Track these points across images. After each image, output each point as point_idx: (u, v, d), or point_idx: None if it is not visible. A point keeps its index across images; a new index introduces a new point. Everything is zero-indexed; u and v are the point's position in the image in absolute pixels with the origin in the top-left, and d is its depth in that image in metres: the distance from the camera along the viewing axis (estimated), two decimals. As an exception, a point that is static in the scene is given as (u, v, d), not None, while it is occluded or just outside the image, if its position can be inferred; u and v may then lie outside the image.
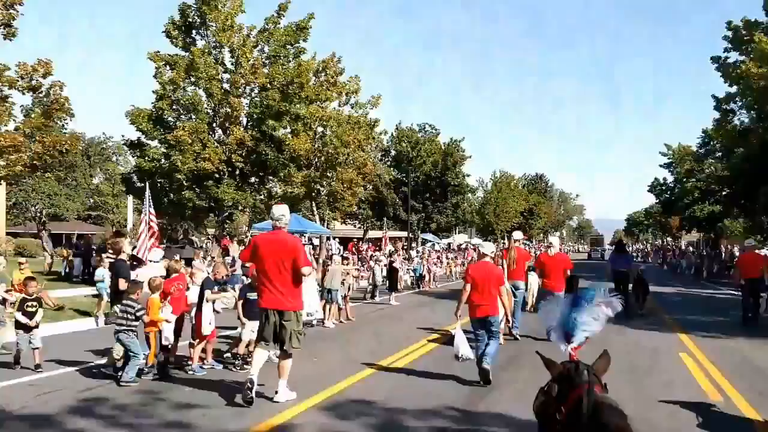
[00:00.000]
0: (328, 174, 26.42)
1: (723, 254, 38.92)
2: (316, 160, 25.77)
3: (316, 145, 25.18)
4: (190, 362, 8.49)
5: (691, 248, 53.11)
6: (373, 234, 46.91)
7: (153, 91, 22.37)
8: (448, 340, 10.84)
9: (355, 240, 39.06)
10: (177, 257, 11.87)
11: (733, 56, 26.12)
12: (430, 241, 46.17)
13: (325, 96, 25.15)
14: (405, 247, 35.51)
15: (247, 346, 8.80)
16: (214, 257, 17.28)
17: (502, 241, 47.27)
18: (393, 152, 49.36)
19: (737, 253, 27.10)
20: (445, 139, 50.28)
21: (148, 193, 15.08)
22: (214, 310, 8.98)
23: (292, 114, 22.95)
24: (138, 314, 7.91)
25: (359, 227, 47.67)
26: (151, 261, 15.79)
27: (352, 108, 27.18)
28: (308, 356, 9.01)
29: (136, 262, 15.62)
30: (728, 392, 7.80)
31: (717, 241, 48.77)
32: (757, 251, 17.75)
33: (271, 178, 25.43)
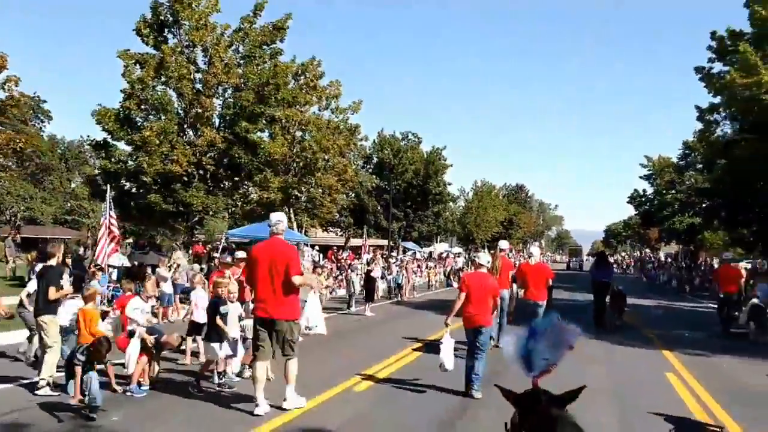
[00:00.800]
0: (307, 180, 25.75)
1: (703, 266, 38.76)
2: (294, 164, 25.09)
3: (294, 150, 24.50)
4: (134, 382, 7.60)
5: (669, 260, 53.08)
6: (355, 242, 46.23)
7: (121, 90, 21.53)
8: (429, 350, 10.53)
9: (335, 248, 38.31)
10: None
11: (717, 66, 25.95)
12: (411, 250, 45.61)
13: (304, 99, 24.53)
14: (384, 256, 34.82)
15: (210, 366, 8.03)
16: (180, 265, 16.48)
17: (482, 250, 46.78)
18: (375, 159, 48.84)
19: (716, 266, 26.88)
20: (427, 148, 50.00)
21: (109, 195, 14.35)
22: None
23: (267, 116, 22.25)
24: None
25: (341, 235, 46.95)
26: (110, 266, 15.11)
27: (332, 113, 26.59)
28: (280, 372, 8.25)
29: (98, 267, 14.87)
30: (719, 416, 7.28)
31: (696, 254, 48.80)
32: (733, 264, 18.15)
33: (247, 183, 24.67)
